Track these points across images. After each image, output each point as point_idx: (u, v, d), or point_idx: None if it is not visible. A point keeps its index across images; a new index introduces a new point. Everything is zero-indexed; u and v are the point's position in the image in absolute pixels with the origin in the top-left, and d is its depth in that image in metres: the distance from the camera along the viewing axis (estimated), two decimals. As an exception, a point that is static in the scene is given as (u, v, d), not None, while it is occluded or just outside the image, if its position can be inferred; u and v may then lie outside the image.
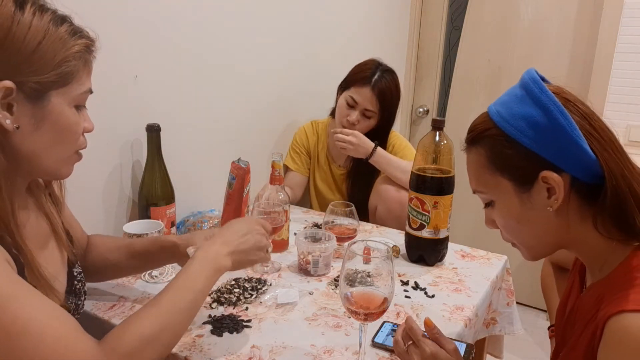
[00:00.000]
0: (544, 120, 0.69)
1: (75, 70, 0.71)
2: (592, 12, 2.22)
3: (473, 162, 0.80)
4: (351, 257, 0.81)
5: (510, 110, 0.73)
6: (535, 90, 0.71)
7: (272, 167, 1.32)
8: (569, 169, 0.70)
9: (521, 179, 0.74)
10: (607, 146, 0.69)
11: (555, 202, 0.71)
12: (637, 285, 0.65)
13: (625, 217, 0.68)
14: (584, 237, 0.74)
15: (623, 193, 0.68)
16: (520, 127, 0.71)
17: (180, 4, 1.37)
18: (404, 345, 0.81)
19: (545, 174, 0.71)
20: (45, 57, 0.67)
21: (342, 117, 1.68)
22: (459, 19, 2.62)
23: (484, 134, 0.76)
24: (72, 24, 0.72)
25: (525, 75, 0.74)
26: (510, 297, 1.33)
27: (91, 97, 0.77)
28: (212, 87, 1.53)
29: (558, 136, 0.69)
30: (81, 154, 0.79)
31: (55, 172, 0.76)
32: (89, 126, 0.78)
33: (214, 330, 0.97)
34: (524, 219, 0.76)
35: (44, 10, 0.68)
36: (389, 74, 1.66)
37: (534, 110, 0.70)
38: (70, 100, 0.72)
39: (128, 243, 1.05)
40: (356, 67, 1.70)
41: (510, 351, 2.06)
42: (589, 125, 0.70)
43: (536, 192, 0.73)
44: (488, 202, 0.81)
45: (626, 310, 0.63)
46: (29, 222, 0.78)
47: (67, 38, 0.69)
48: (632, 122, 2.18)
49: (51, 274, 0.76)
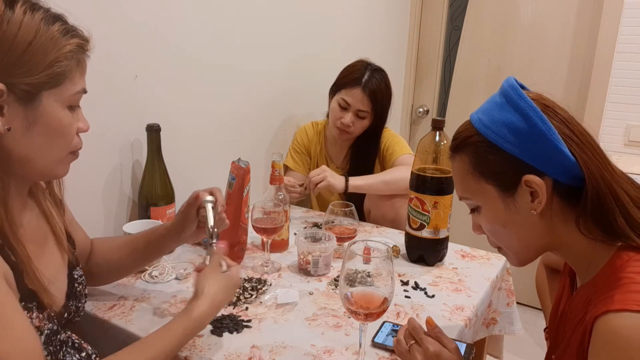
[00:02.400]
0: (524, 125, 0.71)
1: (67, 70, 0.69)
2: (592, 12, 2.22)
3: (458, 169, 0.82)
4: (351, 257, 0.81)
5: (491, 117, 0.75)
6: (514, 96, 0.73)
7: (272, 167, 1.32)
8: (551, 172, 0.72)
9: (505, 184, 0.75)
10: (587, 149, 0.71)
11: (538, 205, 0.73)
12: (621, 286, 0.66)
13: (606, 217, 0.70)
14: (568, 239, 0.76)
15: (603, 194, 0.69)
16: (501, 133, 0.73)
17: (180, 4, 1.37)
18: (407, 344, 0.82)
19: (528, 177, 0.72)
20: (36, 57, 0.65)
21: (336, 119, 1.68)
22: (459, 19, 2.62)
23: (467, 141, 0.78)
24: (64, 23, 0.70)
25: (505, 83, 0.76)
26: (511, 297, 1.33)
27: (91, 97, 0.76)
28: (212, 87, 1.53)
29: (538, 141, 0.70)
30: (77, 153, 0.77)
31: (51, 173, 0.75)
32: (83, 126, 0.76)
33: (214, 330, 0.97)
34: (509, 223, 0.78)
35: (35, 9, 0.66)
36: (378, 73, 1.67)
37: (514, 116, 0.72)
38: (63, 101, 0.70)
39: (128, 239, 1.05)
40: (345, 70, 1.71)
41: (510, 351, 2.06)
42: (567, 129, 0.72)
43: (520, 196, 0.74)
44: (474, 207, 0.83)
45: (611, 310, 0.64)
46: (29, 224, 0.77)
47: (58, 37, 0.67)
48: (632, 122, 2.18)
49: (49, 278, 0.75)
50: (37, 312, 0.71)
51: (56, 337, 0.76)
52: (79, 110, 0.75)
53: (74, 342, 0.81)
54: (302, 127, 1.88)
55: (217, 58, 1.52)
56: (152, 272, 1.18)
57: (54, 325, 0.75)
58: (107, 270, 1.04)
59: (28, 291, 0.70)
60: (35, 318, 0.71)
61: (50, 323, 0.74)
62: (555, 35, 2.33)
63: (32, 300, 0.70)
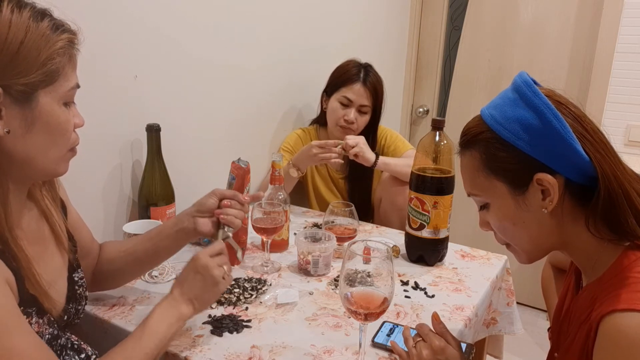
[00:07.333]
0: (537, 123, 0.70)
1: (60, 67, 0.68)
2: (592, 12, 2.22)
3: (467, 166, 0.80)
4: (351, 257, 0.81)
5: (503, 113, 0.74)
6: (528, 93, 0.71)
7: (272, 167, 1.32)
8: (563, 170, 0.71)
9: (516, 182, 0.74)
10: (600, 148, 0.70)
11: (550, 203, 0.72)
12: (628, 285, 0.66)
13: (617, 217, 0.69)
14: (575, 237, 0.75)
15: (615, 194, 0.68)
16: (514, 130, 0.72)
17: (180, 4, 1.37)
18: (413, 342, 0.83)
19: (540, 176, 0.71)
20: (30, 56, 0.64)
21: (339, 118, 1.70)
22: (459, 19, 2.62)
23: (478, 137, 0.77)
24: (52, 19, 0.69)
25: (518, 78, 0.74)
26: (511, 297, 1.33)
27: (91, 97, 0.76)
28: (213, 87, 1.53)
29: (552, 139, 0.69)
30: (76, 150, 0.77)
31: (52, 171, 0.75)
32: (79, 122, 0.75)
33: (214, 330, 0.97)
34: (519, 220, 0.77)
35: (22, 7, 0.65)
36: (372, 69, 1.73)
37: (528, 113, 0.71)
38: (58, 98, 0.69)
39: (132, 246, 1.01)
40: (339, 69, 1.74)
41: (510, 351, 2.06)
42: (581, 127, 0.71)
43: (531, 194, 0.73)
44: (483, 204, 0.81)
45: (618, 309, 0.63)
46: (29, 226, 0.77)
47: (49, 34, 0.66)
48: (632, 122, 2.18)
49: (49, 281, 0.74)
50: (36, 317, 0.71)
51: (57, 342, 0.75)
52: (74, 106, 0.75)
53: (73, 344, 0.81)
54: (292, 132, 1.87)
55: (217, 58, 1.52)
56: (152, 272, 1.18)
57: (54, 330, 0.75)
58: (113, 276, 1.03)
59: (28, 296, 0.69)
60: (35, 323, 0.71)
61: (50, 328, 0.74)
62: (555, 35, 2.33)
63: (32, 305, 0.70)
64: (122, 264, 1.01)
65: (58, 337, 0.76)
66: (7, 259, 0.67)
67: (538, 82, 0.76)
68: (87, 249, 0.97)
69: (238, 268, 1.26)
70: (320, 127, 1.85)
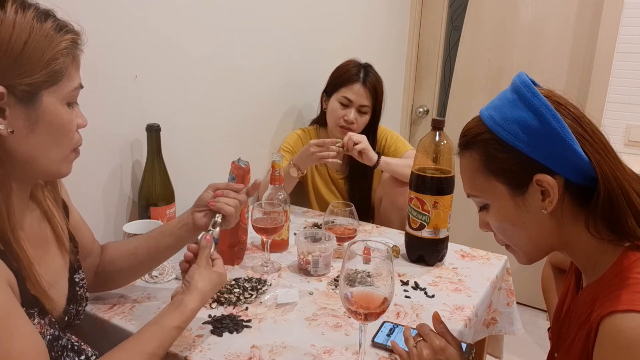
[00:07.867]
0: (537, 124, 0.70)
1: (64, 67, 0.69)
2: (592, 12, 2.22)
3: (467, 166, 0.80)
4: (351, 257, 0.81)
5: (502, 114, 0.73)
6: (527, 94, 0.71)
7: (272, 167, 1.32)
8: (563, 171, 0.71)
9: (515, 183, 0.74)
10: (599, 148, 0.70)
11: (549, 204, 0.72)
12: (628, 286, 0.66)
13: (616, 218, 0.69)
14: (575, 238, 0.75)
15: (615, 195, 0.68)
16: (513, 131, 0.72)
17: (181, 4, 1.37)
18: (414, 342, 0.84)
19: (540, 177, 0.71)
20: (34, 56, 0.65)
21: (339, 118, 1.70)
22: (459, 19, 2.62)
23: (477, 138, 0.77)
24: (56, 19, 0.69)
25: (516, 79, 0.74)
26: (511, 297, 1.33)
27: (91, 97, 0.76)
28: (213, 87, 1.53)
29: (551, 140, 0.69)
30: (79, 151, 0.77)
31: (56, 172, 0.75)
32: (82, 122, 0.76)
33: (214, 330, 0.97)
34: (519, 221, 0.77)
35: (26, 7, 0.65)
36: (371, 68, 1.73)
37: (527, 114, 0.71)
38: (62, 98, 0.70)
39: (134, 246, 1.02)
40: (339, 70, 1.74)
41: (510, 351, 2.06)
42: (580, 128, 0.71)
43: (530, 195, 0.73)
44: (482, 205, 0.82)
45: (618, 310, 0.63)
46: (31, 227, 0.77)
47: (53, 34, 0.67)
48: (632, 122, 2.18)
49: (49, 282, 0.74)
50: (38, 318, 0.71)
51: (58, 343, 0.75)
52: (77, 107, 0.75)
53: (73, 345, 0.81)
54: (292, 133, 1.87)
55: (217, 58, 1.52)
56: (152, 272, 1.18)
57: (55, 331, 0.75)
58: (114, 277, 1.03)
59: (30, 297, 0.69)
60: (37, 324, 0.71)
61: (52, 329, 0.74)
62: (555, 35, 2.33)
63: (33, 306, 0.70)
64: (124, 264, 1.01)
65: (59, 338, 0.76)
66: (9, 260, 0.67)
67: (537, 83, 0.76)
68: (89, 249, 0.97)
69: (238, 268, 1.27)
70: (320, 127, 1.85)
